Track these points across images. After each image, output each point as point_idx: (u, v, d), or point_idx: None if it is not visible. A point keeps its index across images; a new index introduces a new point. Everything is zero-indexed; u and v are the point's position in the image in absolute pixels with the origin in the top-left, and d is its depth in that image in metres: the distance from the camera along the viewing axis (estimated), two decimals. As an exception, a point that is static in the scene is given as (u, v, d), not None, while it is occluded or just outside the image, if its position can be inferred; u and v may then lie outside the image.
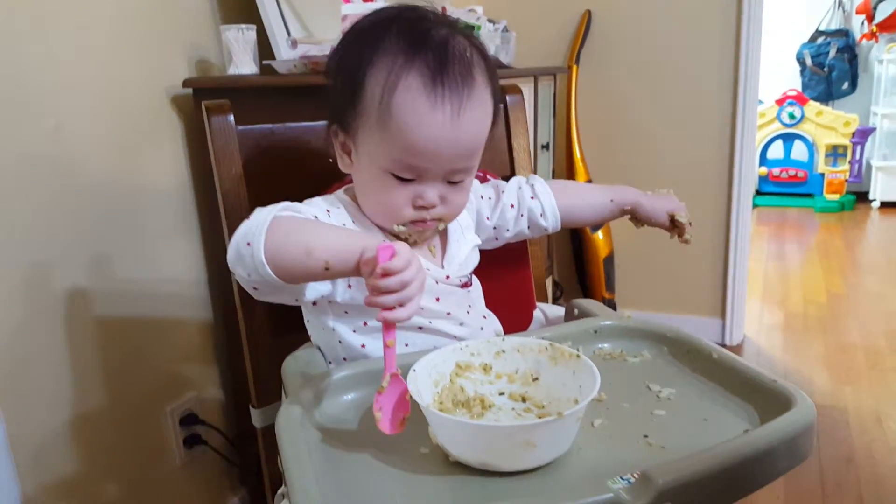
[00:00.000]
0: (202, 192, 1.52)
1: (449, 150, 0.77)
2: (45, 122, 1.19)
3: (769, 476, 0.57)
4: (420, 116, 0.74)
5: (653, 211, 0.98)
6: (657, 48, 2.46)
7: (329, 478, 0.59)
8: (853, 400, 2.15)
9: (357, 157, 0.82)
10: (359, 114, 0.78)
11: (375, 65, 0.76)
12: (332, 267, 0.67)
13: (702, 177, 2.50)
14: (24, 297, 1.17)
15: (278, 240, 0.68)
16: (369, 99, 0.76)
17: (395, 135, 0.75)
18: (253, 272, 0.69)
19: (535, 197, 0.97)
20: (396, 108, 0.74)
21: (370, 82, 0.76)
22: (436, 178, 0.79)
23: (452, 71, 0.75)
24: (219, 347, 1.60)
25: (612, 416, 0.68)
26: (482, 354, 0.74)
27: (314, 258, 0.67)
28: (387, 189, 0.79)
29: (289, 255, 0.69)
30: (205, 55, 1.54)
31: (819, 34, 4.94)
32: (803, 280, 3.36)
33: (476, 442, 0.59)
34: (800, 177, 4.76)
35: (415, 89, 0.74)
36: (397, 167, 0.77)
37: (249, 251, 0.68)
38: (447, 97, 0.75)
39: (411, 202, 0.80)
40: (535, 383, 0.72)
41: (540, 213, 0.97)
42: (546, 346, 0.72)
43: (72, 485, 1.26)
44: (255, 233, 0.69)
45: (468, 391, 0.70)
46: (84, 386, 1.28)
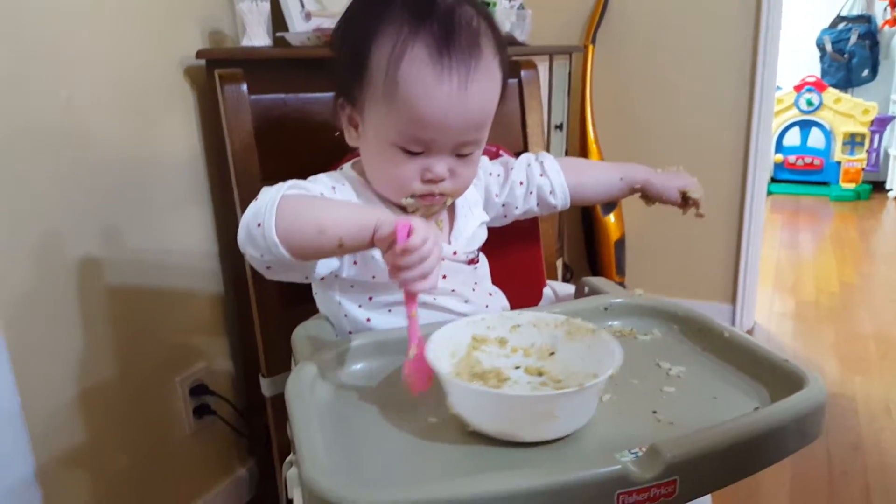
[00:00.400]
0: (214, 164, 1.52)
1: (457, 121, 0.75)
2: (58, 93, 1.19)
3: (778, 454, 0.57)
4: (426, 88, 0.73)
5: (663, 188, 0.98)
6: (674, 30, 2.43)
7: (337, 443, 0.59)
8: (862, 389, 2.15)
9: (364, 130, 0.81)
10: (365, 86, 0.77)
11: (380, 36, 0.75)
12: (345, 243, 0.67)
13: (716, 162, 2.48)
14: (37, 266, 1.17)
15: (289, 218, 0.68)
16: (375, 71, 0.75)
17: (402, 107, 0.74)
18: (266, 252, 0.69)
19: (544, 174, 0.96)
20: (402, 80, 0.73)
21: (375, 54, 0.75)
22: (444, 151, 0.78)
23: (459, 41, 0.74)
24: (229, 318, 1.61)
25: (622, 391, 0.68)
26: (498, 328, 0.73)
27: (327, 235, 0.67)
28: (395, 162, 0.78)
29: (301, 233, 0.68)
30: (218, 27, 1.54)
31: (840, 20, 4.86)
32: (816, 268, 3.34)
33: (498, 411, 0.59)
34: (816, 165, 4.71)
35: (420, 60, 0.73)
36: (405, 140, 0.76)
37: (261, 231, 0.68)
38: (454, 68, 0.73)
39: (420, 175, 0.79)
40: (551, 358, 0.71)
41: (549, 190, 0.96)
42: (562, 320, 0.72)
43: (82, 453, 1.27)
44: (266, 213, 0.68)
45: (484, 364, 0.70)
46: (95, 356, 1.29)
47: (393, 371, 0.73)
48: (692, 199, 0.96)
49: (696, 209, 0.97)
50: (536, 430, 0.59)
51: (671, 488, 0.52)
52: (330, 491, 0.49)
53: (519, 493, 0.49)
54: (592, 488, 0.50)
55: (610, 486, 0.50)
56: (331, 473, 0.52)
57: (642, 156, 2.55)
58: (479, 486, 0.49)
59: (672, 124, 2.51)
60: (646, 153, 2.57)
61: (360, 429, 0.63)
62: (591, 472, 0.50)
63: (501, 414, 0.59)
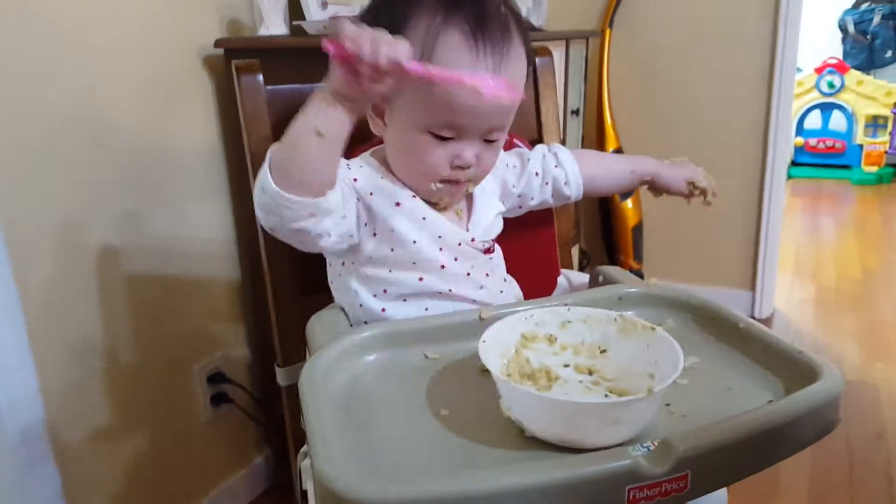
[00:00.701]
0: (232, 152, 1.53)
1: (488, 106, 0.76)
2: (79, 82, 1.21)
3: (792, 448, 0.57)
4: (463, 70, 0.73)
5: (670, 180, 0.99)
6: (692, 13, 2.40)
7: (350, 435, 0.60)
8: (884, 377, 2.13)
9: (393, 117, 0.81)
10: None
11: (412, 22, 0.76)
12: (320, 127, 0.67)
13: (735, 146, 2.46)
14: (58, 253, 1.19)
15: (277, 162, 0.70)
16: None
17: (437, 92, 0.74)
18: (279, 209, 0.70)
19: (559, 165, 0.97)
20: (438, 62, 0.74)
21: (408, 37, 0.74)
22: (473, 136, 0.79)
23: (491, 27, 0.75)
24: (246, 307, 1.62)
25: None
26: (547, 324, 0.71)
27: (304, 137, 0.68)
28: (425, 149, 0.79)
29: (288, 161, 0.69)
30: (236, 15, 1.54)
31: (863, 0, 4.78)
32: (837, 254, 3.30)
33: (561, 418, 0.57)
34: (837, 148, 4.64)
35: (455, 45, 0.74)
36: (438, 125, 0.77)
37: (267, 195, 0.70)
38: (488, 52, 0.75)
39: (449, 162, 0.79)
40: (602, 356, 0.70)
41: (564, 181, 0.97)
42: (616, 317, 0.70)
43: (100, 438, 1.29)
44: (262, 175, 0.70)
45: (533, 363, 0.68)
46: (114, 342, 1.31)
47: (406, 362, 0.74)
48: (699, 189, 0.98)
49: (703, 198, 0.98)
50: (599, 436, 0.57)
51: (683, 483, 0.52)
52: (342, 484, 0.49)
53: (529, 488, 0.49)
54: (603, 483, 0.50)
55: (620, 480, 0.50)
56: (343, 466, 0.52)
57: (659, 141, 2.53)
58: (490, 480, 0.49)
59: (690, 109, 2.49)
60: (663, 138, 2.55)
61: (373, 421, 0.63)
62: (601, 467, 0.50)
63: (564, 421, 0.57)
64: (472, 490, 0.49)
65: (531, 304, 0.80)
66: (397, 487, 0.49)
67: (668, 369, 0.59)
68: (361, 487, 0.49)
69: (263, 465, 1.70)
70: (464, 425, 0.62)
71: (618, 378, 0.67)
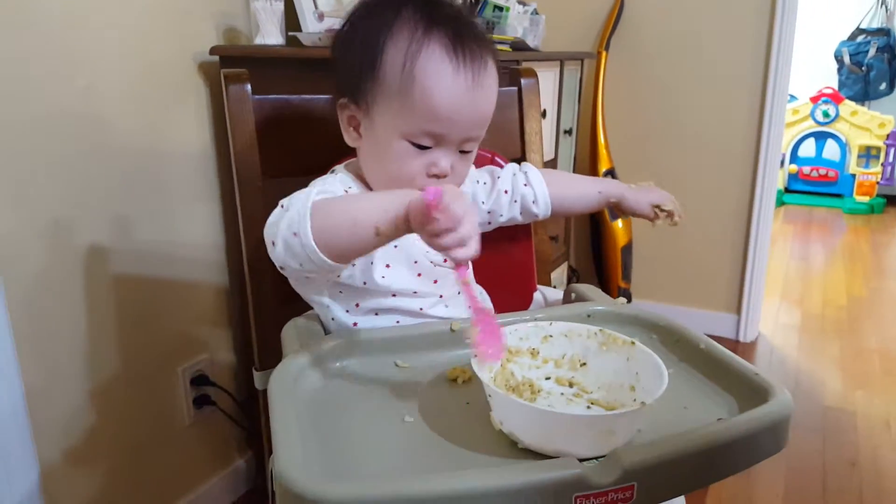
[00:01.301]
0: (224, 158, 1.55)
1: (468, 115, 0.80)
2: (76, 82, 1.23)
3: (736, 466, 0.59)
4: (443, 81, 0.77)
5: (636, 203, 1.00)
6: (688, 39, 2.44)
7: (314, 439, 0.62)
8: (863, 404, 2.15)
9: (370, 128, 0.83)
10: (377, 83, 0.80)
11: (395, 35, 0.79)
12: (382, 230, 0.67)
13: (726, 170, 2.49)
14: (46, 252, 1.21)
15: (323, 222, 0.69)
16: (389, 67, 0.79)
17: (418, 100, 0.77)
18: (305, 261, 0.70)
19: (528, 184, 0.99)
20: (420, 74, 0.77)
21: (390, 51, 0.79)
22: (450, 146, 0.81)
23: (470, 41, 0.79)
24: (233, 312, 1.64)
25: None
26: (530, 339, 0.74)
27: (363, 227, 0.68)
28: (403, 157, 0.81)
29: (337, 233, 0.69)
30: (233, 24, 1.57)
31: (859, 32, 4.84)
32: (825, 281, 3.33)
33: (555, 430, 0.59)
34: (830, 176, 4.69)
35: (437, 56, 0.78)
36: (417, 133, 0.80)
37: (298, 241, 0.69)
38: (468, 64, 0.78)
39: (425, 170, 0.82)
40: (582, 368, 0.72)
41: (532, 200, 0.99)
42: (596, 331, 0.73)
43: (83, 437, 1.31)
44: (300, 221, 0.69)
45: (517, 376, 0.71)
46: (100, 342, 1.32)
47: (377, 370, 0.76)
48: (664, 211, 0.98)
49: (670, 220, 0.99)
50: (593, 447, 0.58)
51: (629, 493, 0.54)
52: (299, 484, 0.51)
53: (481, 492, 0.51)
54: (550, 489, 0.52)
55: (568, 488, 0.52)
56: (303, 467, 0.54)
57: (652, 162, 2.57)
58: (442, 484, 0.51)
59: (682, 132, 2.52)
60: (655, 160, 2.58)
61: (339, 425, 0.65)
62: (550, 475, 0.52)
63: (558, 433, 0.59)
64: (425, 492, 0.51)
65: (502, 318, 0.82)
66: (349, 489, 0.51)
67: (650, 382, 0.62)
68: (317, 489, 0.51)
69: (244, 468, 1.71)
70: (427, 432, 0.64)
71: (598, 390, 0.70)
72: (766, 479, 1.78)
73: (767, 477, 1.78)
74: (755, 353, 2.52)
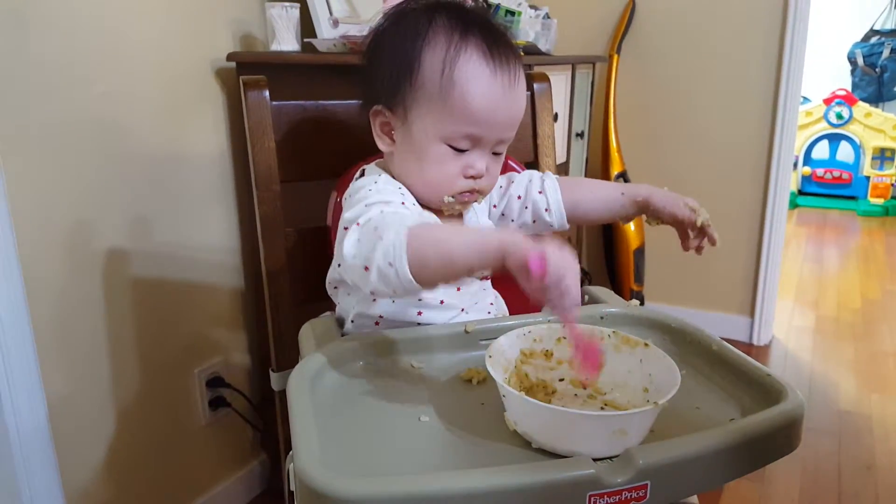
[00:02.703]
0: (240, 162, 1.57)
1: (504, 117, 0.83)
2: (94, 87, 1.25)
3: (749, 466, 0.59)
4: (483, 85, 0.80)
5: (668, 202, 0.92)
6: (700, 42, 2.45)
7: (333, 438, 0.63)
8: (879, 408, 2.14)
9: (407, 133, 0.85)
10: (415, 89, 0.82)
11: (431, 41, 0.81)
12: (475, 269, 0.69)
13: (738, 172, 2.49)
14: (66, 255, 1.23)
15: (418, 254, 0.69)
16: (429, 72, 0.81)
17: (458, 104, 0.80)
18: (399, 290, 0.71)
19: (542, 192, 0.97)
20: (460, 78, 0.80)
21: (428, 57, 0.81)
22: (485, 147, 0.84)
23: (502, 46, 0.83)
24: (248, 314, 1.65)
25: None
26: (544, 341, 0.74)
27: (458, 266, 0.68)
28: (441, 161, 0.83)
29: (432, 267, 0.69)
30: (250, 30, 1.59)
31: (873, 33, 4.82)
32: (839, 284, 3.31)
33: (569, 430, 0.59)
34: (844, 179, 4.67)
35: (476, 60, 0.81)
36: (456, 137, 0.82)
37: (394, 271, 0.69)
38: (503, 68, 0.82)
39: (462, 172, 0.84)
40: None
41: (545, 208, 0.97)
42: (609, 333, 0.73)
43: (100, 437, 1.33)
44: (395, 253, 0.69)
45: (531, 377, 0.72)
46: (118, 343, 1.34)
47: (393, 370, 0.77)
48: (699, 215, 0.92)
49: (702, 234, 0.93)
50: (606, 446, 0.58)
51: (642, 492, 0.55)
52: (320, 482, 0.52)
53: (494, 491, 0.52)
54: (565, 488, 0.53)
55: (582, 487, 0.53)
56: (322, 465, 0.55)
57: (664, 166, 2.57)
58: (458, 482, 0.52)
59: (695, 135, 2.52)
60: (668, 163, 2.58)
61: (356, 424, 0.66)
62: (564, 474, 0.53)
63: (571, 432, 0.59)
64: (441, 490, 0.52)
65: (514, 320, 0.83)
66: (367, 487, 0.52)
67: (663, 383, 0.63)
68: (337, 486, 0.52)
69: (259, 470, 1.73)
70: (442, 431, 0.65)
71: (612, 391, 0.71)
72: (781, 482, 1.77)
73: (782, 480, 1.78)
74: (769, 356, 2.51)
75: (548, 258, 0.61)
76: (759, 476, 1.79)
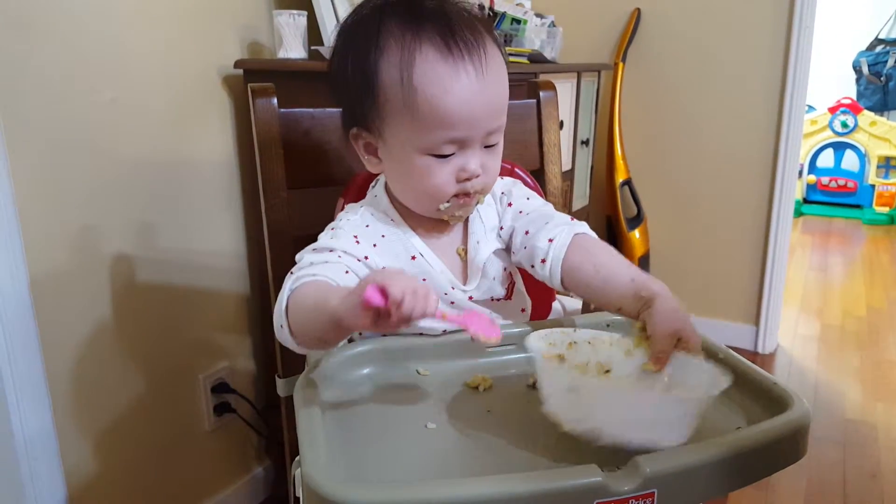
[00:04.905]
0: (247, 169, 1.58)
1: (482, 109, 0.75)
2: (102, 94, 1.26)
3: (756, 474, 0.59)
4: (446, 83, 0.73)
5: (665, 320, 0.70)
6: (705, 51, 2.45)
7: (340, 444, 0.63)
8: (884, 416, 2.13)
9: (387, 151, 0.80)
10: (381, 105, 0.76)
11: (383, 49, 0.75)
12: (329, 340, 0.70)
13: (743, 180, 2.49)
14: (73, 259, 1.24)
15: (295, 323, 0.69)
16: (389, 84, 0.75)
17: (426, 111, 0.73)
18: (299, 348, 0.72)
19: (551, 240, 0.81)
20: (420, 83, 0.73)
21: (384, 68, 0.75)
22: (474, 146, 0.77)
23: (461, 32, 0.74)
24: (253, 320, 1.66)
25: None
26: (558, 345, 0.73)
27: (314, 337, 0.69)
28: (428, 171, 0.77)
29: (305, 336, 0.70)
30: (257, 38, 1.60)
31: (878, 42, 4.82)
32: (844, 292, 3.31)
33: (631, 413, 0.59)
34: (849, 187, 4.66)
35: (432, 58, 0.73)
36: (435, 145, 0.76)
37: (283, 334, 0.71)
38: (466, 57, 0.73)
39: (455, 177, 0.78)
40: (606, 375, 0.72)
41: (542, 258, 0.82)
42: (619, 338, 0.73)
43: (105, 441, 1.33)
44: (282, 317, 0.70)
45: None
46: (124, 347, 1.34)
47: (399, 377, 0.77)
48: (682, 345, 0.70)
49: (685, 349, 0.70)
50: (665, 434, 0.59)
51: (649, 500, 0.55)
52: (327, 487, 0.52)
53: (503, 497, 0.52)
54: (572, 496, 0.53)
55: (589, 495, 0.53)
56: (330, 471, 0.55)
57: (669, 174, 2.57)
58: (465, 489, 0.52)
59: (700, 143, 2.53)
60: (673, 171, 2.58)
61: (363, 431, 0.67)
62: (572, 481, 0.53)
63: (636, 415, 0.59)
64: (449, 497, 0.52)
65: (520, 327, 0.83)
66: (376, 492, 0.52)
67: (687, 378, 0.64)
68: (345, 492, 0.52)
69: (262, 476, 1.73)
70: (449, 438, 0.66)
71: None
72: (786, 490, 1.77)
73: (788, 489, 1.77)
74: (774, 365, 2.51)
75: (381, 282, 0.58)
76: (764, 484, 1.78)
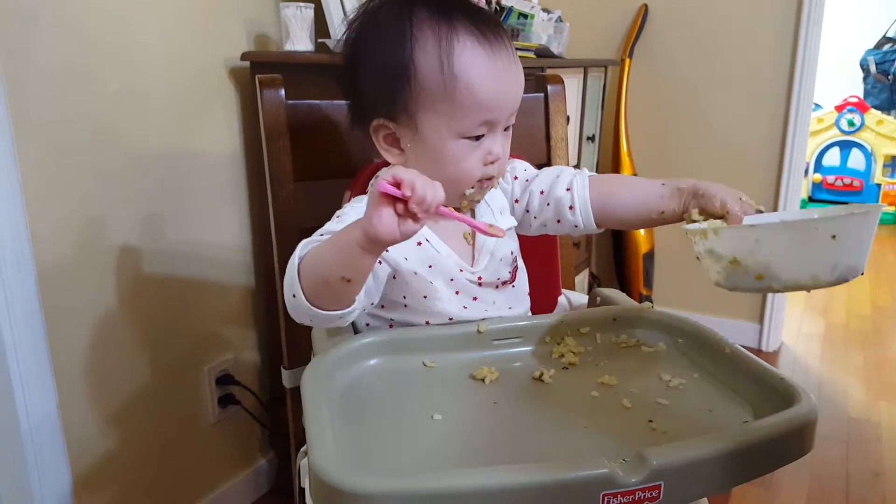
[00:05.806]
0: (253, 162, 1.57)
1: (511, 95, 0.82)
2: (108, 86, 1.26)
3: (762, 468, 0.59)
4: (485, 70, 0.78)
5: (718, 188, 0.85)
6: (712, 48, 2.44)
7: (346, 434, 0.63)
8: (887, 415, 2.13)
9: (418, 139, 0.82)
10: (416, 93, 0.79)
11: (419, 40, 0.78)
12: (350, 276, 0.69)
13: (749, 178, 2.48)
14: (79, 251, 1.24)
15: (307, 287, 0.70)
16: (427, 73, 0.78)
17: (466, 96, 0.78)
18: (311, 317, 0.72)
19: (570, 189, 0.89)
20: (461, 69, 0.77)
21: (421, 57, 0.78)
22: (499, 128, 0.82)
23: (488, 23, 0.80)
24: (259, 312, 1.66)
25: (621, 400, 0.71)
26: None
27: (332, 281, 0.69)
28: (461, 156, 0.81)
29: (317, 293, 0.70)
30: (264, 30, 1.59)
31: (886, 40, 4.80)
32: (849, 290, 3.30)
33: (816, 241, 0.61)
34: (855, 186, 4.64)
35: (470, 47, 0.78)
36: (471, 127, 0.80)
37: (297, 302, 0.71)
38: (498, 46, 0.79)
39: (482, 161, 0.82)
40: None
41: (569, 205, 0.89)
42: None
43: (110, 432, 1.33)
44: (292, 284, 0.71)
45: None
46: (129, 339, 1.35)
47: (405, 368, 0.77)
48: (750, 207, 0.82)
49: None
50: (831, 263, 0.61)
51: (656, 493, 0.55)
52: (335, 477, 0.53)
53: (509, 488, 0.52)
54: (579, 487, 0.53)
55: (596, 486, 0.53)
56: (336, 460, 0.55)
57: (675, 170, 2.56)
58: (472, 479, 0.53)
59: (706, 140, 2.52)
60: (679, 167, 2.58)
61: (369, 421, 0.67)
62: (578, 473, 0.53)
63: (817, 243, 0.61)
64: (456, 488, 0.52)
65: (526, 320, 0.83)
66: (383, 481, 0.52)
67: None
68: (351, 481, 0.52)
69: (267, 468, 1.73)
70: (455, 429, 0.66)
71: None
72: (789, 488, 1.77)
73: (790, 486, 1.77)
74: (778, 363, 2.51)
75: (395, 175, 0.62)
76: (766, 482, 1.78)
